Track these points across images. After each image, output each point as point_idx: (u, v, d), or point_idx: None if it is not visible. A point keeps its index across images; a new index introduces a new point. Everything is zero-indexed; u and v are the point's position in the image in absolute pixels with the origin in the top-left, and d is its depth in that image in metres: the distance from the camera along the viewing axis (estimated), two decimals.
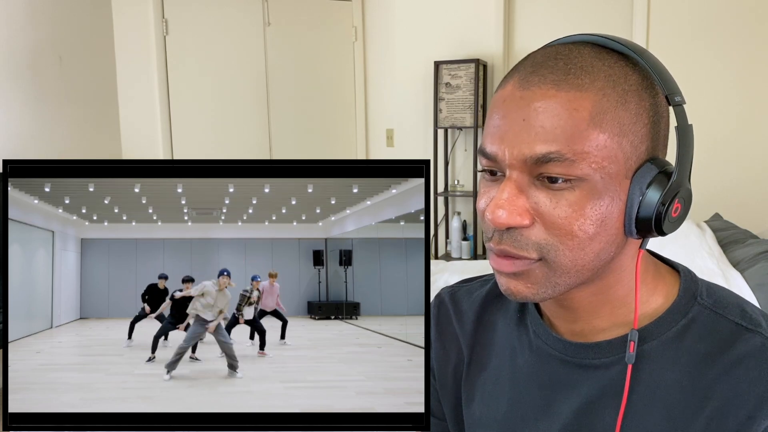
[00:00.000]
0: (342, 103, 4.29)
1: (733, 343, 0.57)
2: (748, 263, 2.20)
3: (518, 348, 0.69)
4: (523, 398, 0.67)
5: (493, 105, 0.58)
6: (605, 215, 0.55)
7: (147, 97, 3.71)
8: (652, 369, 0.59)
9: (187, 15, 3.76)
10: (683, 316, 0.60)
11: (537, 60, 0.57)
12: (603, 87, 0.54)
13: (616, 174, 0.55)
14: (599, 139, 0.53)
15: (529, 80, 0.55)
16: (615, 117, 0.54)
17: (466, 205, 3.88)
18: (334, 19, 4.18)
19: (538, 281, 0.57)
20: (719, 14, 3.25)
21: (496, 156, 0.56)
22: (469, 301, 0.77)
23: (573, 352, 0.63)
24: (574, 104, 0.53)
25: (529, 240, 0.55)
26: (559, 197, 0.54)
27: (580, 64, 0.55)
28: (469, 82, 3.55)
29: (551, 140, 0.53)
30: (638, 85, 0.56)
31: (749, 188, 3.27)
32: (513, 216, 0.54)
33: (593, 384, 0.62)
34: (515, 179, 0.55)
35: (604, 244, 0.56)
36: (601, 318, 0.62)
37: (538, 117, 0.54)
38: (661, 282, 0.63)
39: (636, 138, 0.55)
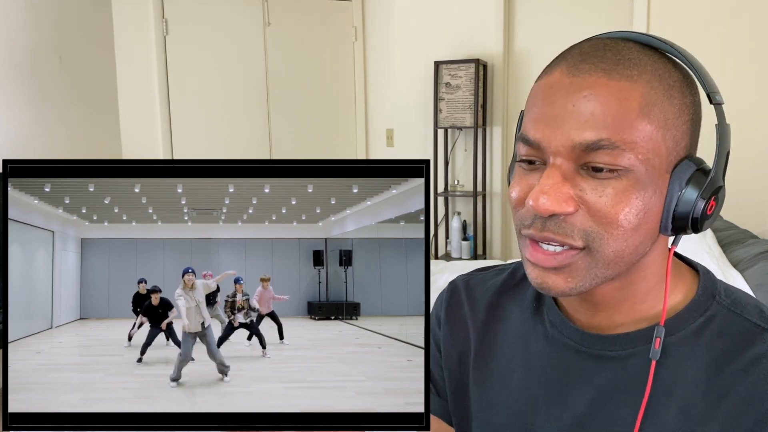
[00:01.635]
0: (342, 103, 4.29)
1: (751, 342, 0.57)
2: (748, 263, 2.20)
3: (533, 337, 0.69)
4: (534, 386, 0.67)
5: (538, 91, 0.57)
6: (648, 207, 0.55)
7: (147, 97, 3.71)
8: (670, 364, 0.59)
9: (187, 15, 3.76)
10: (702, 314, 0.60)
11: (585, 49, 0.57)
12: (650, 80, 0.54)
13: (659, 167, 0.55)
14: (647, 130, 0.53)
15: (579, 68, 0.55)
16: (662, 110, 0.54)
17: (466, 205, 3.88)
18: (334, 19, 4.18)
19: (579, 273, 0.56)
20: (719, 14, 3.25)
21: (541, 142, 0.55)
22: (483, 289, 0.77)
23: (589, 343, 0.63)
24: (624, 93, 0.53)
25: (575, 227, 0.55)
26: (605, 186, 0.54)
27: (629, 57, 0.55)
28: (469, 82, 3.55)
29: (602, 127, 0.53)
30: (681, 82, 0.56)
31: (749, 188, 3.27)
32: (558, 203, 0.54)
33: (608, 376, 0.61)
34: (560, 166, 0.54)
35: (644, 237, 0.56)
36: (621, 313, 0.62)
37: (589, 104, 0.53)
38: (680, 280, 0.63)
39: (678, 133, 0.56)
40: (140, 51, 3.66)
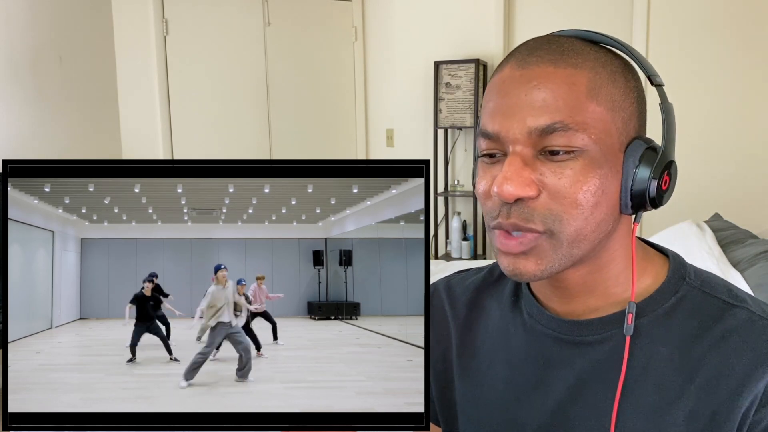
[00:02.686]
0: (342, 103, 4.29)
1: (720, 318, 0.59)
2: (748, 263, 2.20)
3: (512, 330, 0.71)
4: (517, 378, 0.69)
5: (492, 87, 0.61)
6: (605, 185, 0.58)
7: (147, 97, 3.71)
8: (644, 344, 0.61)
9: (187, 15, 3.76)
10: (672, 295, 0.62)
11: (531, 45, 0.61)
12: (594, 66, 0.58)
13: (612, 147, 0.58)
14: (596, 111, 0.57)
15: (528, 60, 0.59)
16: (608, 92, 0.58)
17: (466, 205, 3.88)
18: (334, 19, 4.18)
19: (546, 255, 0.59)
20: (719, 14, 3.25)
21: (499, 133, 0.58)
22: (462, 286, 0.80)
23: (566, 330, 0.65)
24: (571, 79, 0.57)
25: (535, 211, 0.57)
26: (563, 167, 0.57)
27: (572, 48, 0.59)
28: (469, 82, 3.55)
29: (554, 111, 0.56)
30: (623, 68, 0.61)
31: (749, 188, 3.27)
32: (521, 187, 0.56)
33: (586, 360, 0.63)
34: (519, 153, 0.57)
35: (604, 215, 0.59)
36: (594, 298, 0.64)
37: (540, 91, 0.57)
38: (650, 264, 0.65)
39: (626, 114, 0.59)
40: (140, 51, 3.66)
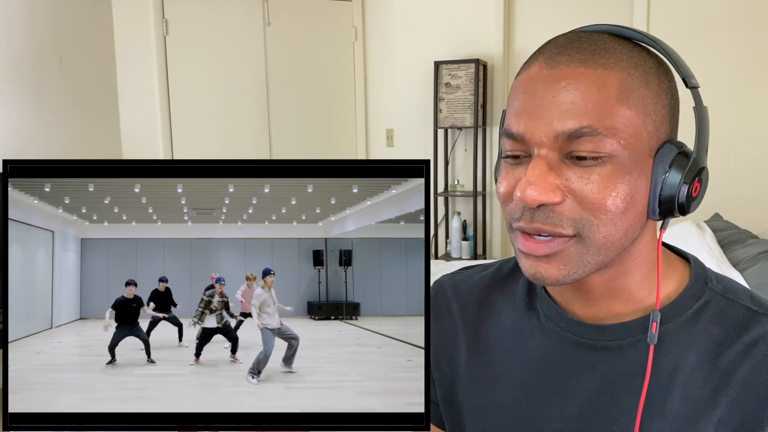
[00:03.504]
0: (342, 103, 4.29)
1: (747, 326, 0.58)
2: (748, 263, 2.20)
3: (528, 332, 0.69)
4: (533, 382, 0.66)
5: (518, 86, 0.58)
6: (634, 191, 0.55)
7: (147, 97, 3.71)
8: (669, 351, 0.59)
9: (187, 15, 3.76)
10: (696, 300, 0.61)
11: (561, 42, 0.58)
12: (627, 67, 0.55)
13: (641, 152, 0.55)
14: (627, 115, 0.54)
15: (556, 59, 0.56)
16: (640, 95, 0.55)
17: (466, 205, 3.88)
18: (334, 19, 4.18)
19: (570, 261, 0.57)
20: (719, 14, 3.25)
21: (524, 135, 0.56)
22: (469, 284, 0.77)
23: (588, 334, 0.63)
24: (602, 80, 0.54)
25: (563, 216, 0.55)
26: (590, 173, 0.54)
27: (603, 46, 0.56)
28: (469, 82, 3.55)
29: (582, 115, 0.53)
30: (656, 68, 0.57)
31: (749, 188, 3.27)
32: (545, 192, 0.54)
33: (608, 366, 0.61)
34: (544, 156, 0.55)
35: (632, 221, 0.56)
36: (617, 302, 0.62)
37: (569, 93, 0.54)
38: (672, 269, 0.64)
39: (658, 118, 0.56)
40: (140, 51, 3.66)
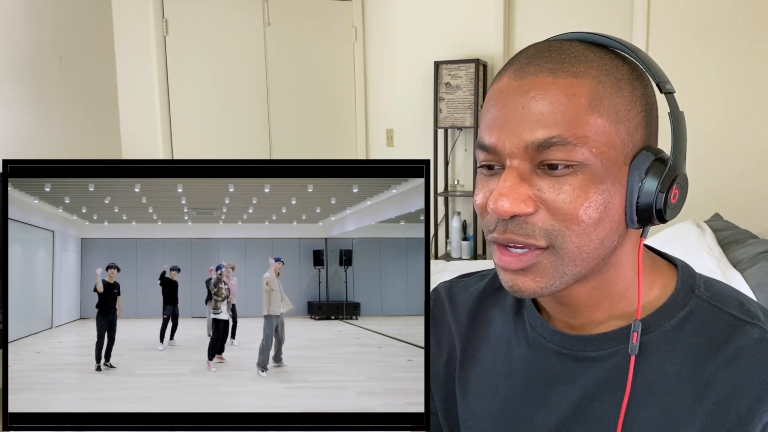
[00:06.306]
0: (342, 103, 4.29)
1: (731, 335, 0.57)
2: (748, 263, 2.20)
3: (514, 342, 0.69)
4: (518, 392, 0.66)
5: (489, 98, 0.58)
6: (608, 201, 0.55)
7: (147, 97, 3.71)
8: (651, 361, 0.59)
9: (187, 15, 3.76)
10: (681, 309, 0.60)
11: (530, 53, 0.58)
12: (597, 74, 0.55)
13: (615, 160, 0.55)
14: (598, 123, 0.54)
15: (525, 70, 0.56)
16: (611, 103, 0.54)
17: (466, 205, 3.88)
18: (334, 19, 4.18)
19: (546, 273, 0.56)
20: (719, 14, 3.25)
21: (496, 146, 0.56)
22: (465, 295, 0.77)
23: (570, 345, 0.63)
24: (571, 90, 0.54)
25: (536, 227, 0.55)
26: (562, 183, 0.54)
27: (574, 54, 0.56)
28: (469, 82, 3.55)
29: (552, 125, 0.53)
30: (629, 74, 0.57)
31: (749, 188, 3.27)
32: (517, 203, 0.54)
33: (590, 377, 0.61)
34: (516, 167, 0.55)
35: (608, 231, 0.56)
36: (600, 312, 0.62)
37: (538, 104, 0.54)
38: (658, 275, 0.63)
39: (631, 125, 0.56)
40: (140, 51, 3.66)
